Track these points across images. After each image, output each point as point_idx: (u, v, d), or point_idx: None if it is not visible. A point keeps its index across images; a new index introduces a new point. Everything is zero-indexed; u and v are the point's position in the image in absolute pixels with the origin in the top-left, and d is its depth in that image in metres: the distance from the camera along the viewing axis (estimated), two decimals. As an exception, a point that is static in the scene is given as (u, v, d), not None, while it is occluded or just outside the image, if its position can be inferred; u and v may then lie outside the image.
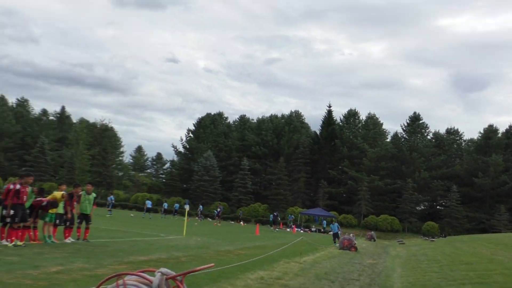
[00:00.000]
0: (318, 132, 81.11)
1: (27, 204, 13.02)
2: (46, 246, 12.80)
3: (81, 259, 10.99)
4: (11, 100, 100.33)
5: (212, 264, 4.49)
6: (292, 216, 59.31)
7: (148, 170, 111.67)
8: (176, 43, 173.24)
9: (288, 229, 52.87)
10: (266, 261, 14.08)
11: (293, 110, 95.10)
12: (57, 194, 14.43)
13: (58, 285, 7.60)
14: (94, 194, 16.17)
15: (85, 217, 15.67)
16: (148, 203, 46.79)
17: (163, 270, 3.56)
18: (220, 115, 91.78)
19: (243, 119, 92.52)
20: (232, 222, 59.55)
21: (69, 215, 14.66)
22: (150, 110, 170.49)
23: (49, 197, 14.22)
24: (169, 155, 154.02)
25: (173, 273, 3.56)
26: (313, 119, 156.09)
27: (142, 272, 3.63)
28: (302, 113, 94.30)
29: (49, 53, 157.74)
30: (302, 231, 51.72)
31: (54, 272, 8.84)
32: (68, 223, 14.72)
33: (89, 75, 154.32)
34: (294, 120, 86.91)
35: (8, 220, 12.27)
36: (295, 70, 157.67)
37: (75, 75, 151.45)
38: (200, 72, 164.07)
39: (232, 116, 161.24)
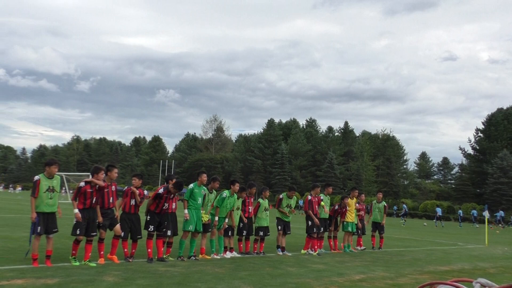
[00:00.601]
0: None
1: (325, 215, 13.90)
2: (346, 255, 13.40)
3: (380, 267, 11.08)
4: (301, 122, 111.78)
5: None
6: None
7: (435, 177, 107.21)
8: (452, 39, 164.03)
9: None
10: None
11: None
12: (351, 202, 15.02)
13: (363, 293, 7.76)
14: (384, 203, 16.22)
15: (377, 226, 15.84)
16: (438, 211, 44.66)
17: (482, 280, 3.13)
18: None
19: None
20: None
21: (360, 224, 15.01)
22: (431, 114, 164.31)
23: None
24: (456, 159, 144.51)
25: (495, 285, 3.09)
26: None
27: (457, 281, 3.27)
28: None
29: (329, 74, 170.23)
30: None
31: (358, 280, 9.11)
32: (359, 232, 15.10)
33: (367, 88, 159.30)
34: None
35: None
36: None
37: (353, 90, 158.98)
38: (484, 65, 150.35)
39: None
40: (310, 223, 13.04)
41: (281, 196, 13.28)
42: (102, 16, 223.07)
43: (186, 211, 10.50)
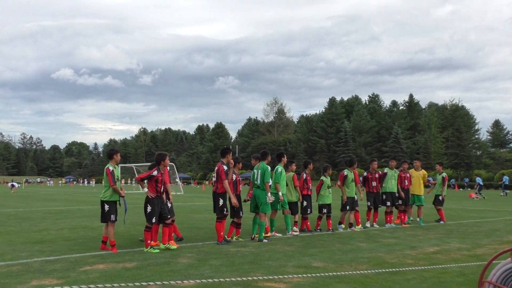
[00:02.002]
0: None
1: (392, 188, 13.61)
2: (417, 228, 13.04)
3: (455, 239, 10.69)
4: (364, 98, 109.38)
5: None
6: None
7: (511, 145, 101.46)
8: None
9: None
10: None
11: None
12: (415, 173, 14.65)
13: (439, 264, 7.52)
14: (443, 175, 15.31)
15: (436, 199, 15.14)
16: (505, 179, 42.56)
17: None
18: None
19: None
20: None
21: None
22: (503, 80, 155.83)
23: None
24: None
25: None
26: None
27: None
28: None
29: (390, 47, 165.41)
30: None
31: (432, 252, 8.84)
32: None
33: (431, 59, 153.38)
34: None
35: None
36: None
37: (417, 62, 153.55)
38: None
39: None
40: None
41: (345, 172, 13.05)
42: (160, 9, 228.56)
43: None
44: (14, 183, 50.03)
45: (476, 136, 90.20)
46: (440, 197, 14.87)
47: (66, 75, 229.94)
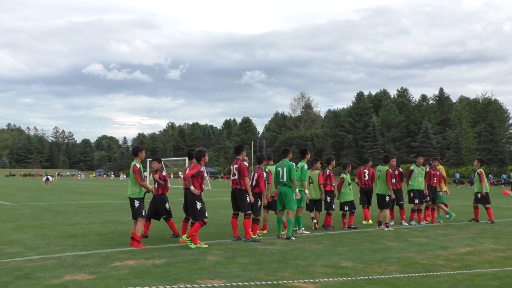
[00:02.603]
0: None
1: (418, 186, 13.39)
2: (449, 227, 12.78)
3: (489, 239, 10.43)
4: (392, 92, 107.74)
5: None
6: None
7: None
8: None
9: None
10: None
11: None
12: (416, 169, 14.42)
13: (472, 267, 7.34)
14: (479, 170, 14.66)
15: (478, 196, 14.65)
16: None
17: None
18: None
19: None
20: None
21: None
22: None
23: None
24: None
25: None
26: None
27: None
28: None
29: (420, 40, 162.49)
30: None
31: (464, 253, 8.65)
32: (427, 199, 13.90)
33: (463, 51, 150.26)
34: None
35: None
36: None
37: (447, 54, 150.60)
38: None
39: None
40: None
41: (411, 167, 13.42)
42: (188, 4, 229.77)
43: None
44: (48, 176, 51.36)
45: (510, 131, 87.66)
46: (479, 195, 14.35)
47: (96, 70, 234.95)
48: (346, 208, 12.58)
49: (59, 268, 6.97)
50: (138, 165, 9.21)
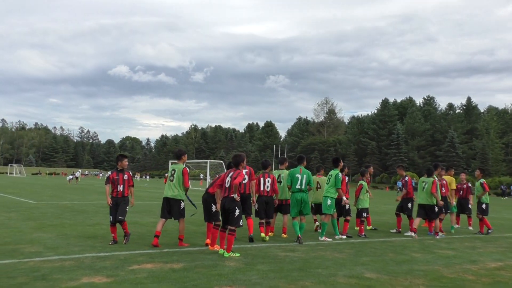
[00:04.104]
0: None
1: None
2: (477, 240, 12.33)
3: (520, 254, 10.00)
4: (418, 100, 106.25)
5: None
6: None
7: None
8: None
9: None
10: None
11: None
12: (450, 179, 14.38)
13: (504, 283, 6.99)
14: (480, 181, 14.12)
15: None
16: None
17: None
18: None
19: None
20: None
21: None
22: None
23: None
24: None
25: None
26: None
27: None
28: None
29: (447, 48, 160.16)
30: None
31: (494, 268, 8.27)
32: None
33: (491, 60, 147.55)
34: None
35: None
36: None
37: (475, 63, 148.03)
38: None
39: None
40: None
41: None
42: (213, 8, 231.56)
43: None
44: (76, 174, 52.32)
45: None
46: (484, 205, 13.90)
47: (122, 72, 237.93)
48: (364, 214, 12.54)
49: (77, 270, 6.88)
50: (188, 169, 9.50)
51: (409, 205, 13.43)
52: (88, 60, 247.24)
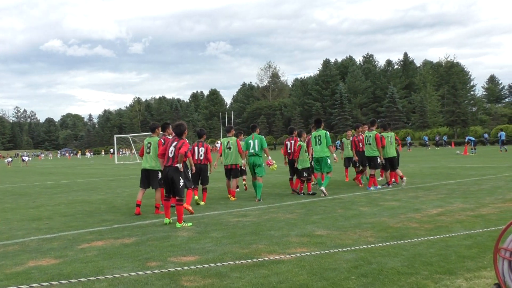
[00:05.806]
0: None
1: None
2: (419, 190, 12.91)
3: (458, 199, 10.56)
4: (358, 59, 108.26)
5: None
6: None
7: (506, 100, 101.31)
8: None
9: None
10: None
11: None
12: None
13: (444, 227, 7.36)
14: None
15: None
16: (502, 135, 42.67)
17: None
18: None
19: None
20: None
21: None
22: (497, 34, 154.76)
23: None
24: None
25: None
26: None
27: None
28: None
29: (382, 5, 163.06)
30: None
31: (436, 214, 8.70)
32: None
33: (424, 16, 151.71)
34: None
35: None
36: None
37: (409, 19, 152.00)
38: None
39: None
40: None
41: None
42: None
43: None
44: (24, 157, 50.20)
45: (472, 93, 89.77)
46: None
47: (55, 47, 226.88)
48: (305, 174, 12.88)
49: (22, 254, 6.62)
50: (162, 140, 9.74)
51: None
52: (16, 35, 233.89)
